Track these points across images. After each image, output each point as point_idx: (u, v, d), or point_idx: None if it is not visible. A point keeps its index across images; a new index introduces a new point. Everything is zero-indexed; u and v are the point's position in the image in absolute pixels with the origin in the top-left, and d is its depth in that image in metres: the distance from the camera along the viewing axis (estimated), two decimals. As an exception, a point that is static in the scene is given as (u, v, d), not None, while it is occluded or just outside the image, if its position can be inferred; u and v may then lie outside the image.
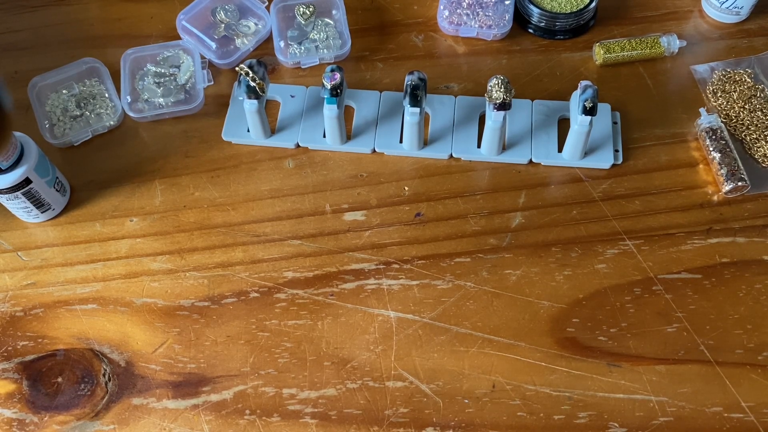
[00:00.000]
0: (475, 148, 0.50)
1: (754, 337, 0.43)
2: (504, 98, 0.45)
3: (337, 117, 0.47)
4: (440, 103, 0.51)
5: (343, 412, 0.41)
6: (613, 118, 0.51)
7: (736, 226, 0.47)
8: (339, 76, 0.46)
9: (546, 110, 0.51)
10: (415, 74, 0.47)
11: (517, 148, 0.50)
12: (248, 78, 0.47)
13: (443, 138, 0.50)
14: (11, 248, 0.48)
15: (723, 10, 0.55)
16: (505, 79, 0.45)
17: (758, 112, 0.51)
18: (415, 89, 0.46)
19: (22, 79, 0.53)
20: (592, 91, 0.45)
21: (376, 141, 0.50)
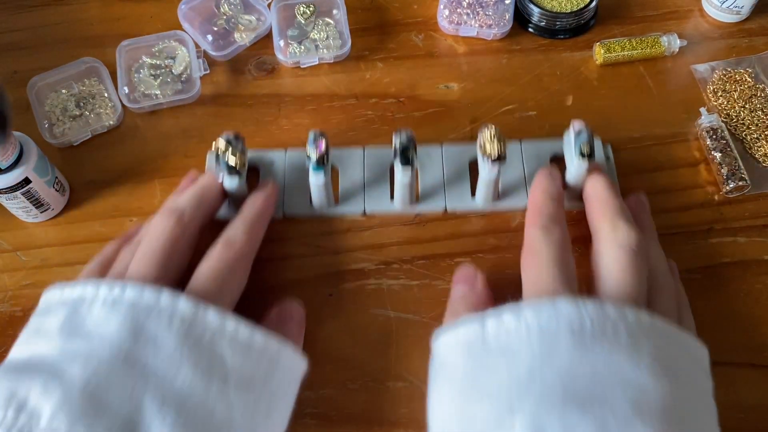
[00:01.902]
0: (469, 198, 0.47)
1: (754, 338, 0.43)
2: (499, 151, 0.42)
3: (325, 184, 0.45)
4: (427, 156, 0.49)
5: (343, 413, 0.41)
6: (605, 153, 0.49)
7: (736, 225, 0.47)
8: (324, 143, 0.43)
9: (537, 151, 0.49)
10: (402, 134, 0.43)
11: (514, 194, 0.47)
12: (226, 154, 0.43)
13: (435, 192, 0.48)
14: (10, 248, 0.48)
15: (723, 10, 0.55)
16: (497, 130, 0.43)
17: (759, 111, 0.51)
18: (406, 150, 0.43)
19: (21, 79, 0.53)
20: (587, 134, 0.43)
21: (366, 202, 0.47)
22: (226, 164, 0.43)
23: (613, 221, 0.39)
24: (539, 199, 0.42)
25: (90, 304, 0.34)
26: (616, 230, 0.38)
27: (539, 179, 0.44)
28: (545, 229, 0.39)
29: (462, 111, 0.52)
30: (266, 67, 0.55)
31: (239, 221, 0.42)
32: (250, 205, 0.43)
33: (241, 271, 0.40)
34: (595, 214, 0.41)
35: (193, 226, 0.41)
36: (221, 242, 0.40)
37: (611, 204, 0.40)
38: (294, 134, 0.52)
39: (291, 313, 0.42)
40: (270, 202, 0.44)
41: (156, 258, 0.38)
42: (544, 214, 0.40)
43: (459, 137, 0.51)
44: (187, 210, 0.41)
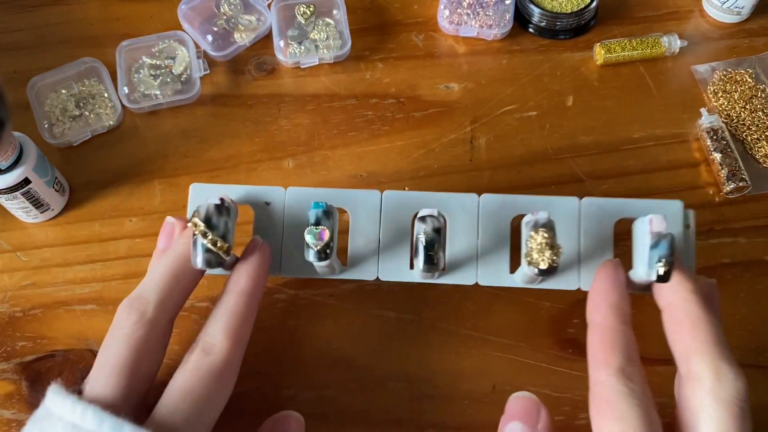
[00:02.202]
0: (507, 272, 0.38)
1: (755, 338, 0.43)
2: (551, 263, 0.33)
3: (329, 265, 0.37)
4: (461, 208, 0.39)
5: (342, 413, 0.41)
6: (686, 220, 0.39)
7: (737, 226, 0.47)
8: (328, 233, 0.34)
9: (598, 212, 0.38)
10: (428, 223, 0.34)
11: (560, 272, 0.37)
12: (206, 242, 0.33)
13: (466, 256, 0.38)
14: (10, 248, 0.48)
15: (724, 10, 0.55)
16: (551, 234, 0.33)
17: (759, 112, 0.51)
18: (430, 248, 0.33)
19: (20, 79, 0.53)
20: (668, 244, 0.32)
21: (380, 266, 0.39)
22: (205, 250, 0.34)
23: (715, 365, 0.31)
24: (609, 322, 0.33)
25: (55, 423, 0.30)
26: (720, 379, 0.30)
27: (604, 287, 0.34)
28: (625, 377, 0.31)
29: (462, 111, 0.52)
30: (266, 67, 0.55)
31: (219, 317, 0.34)
32: (232, 287, 0.35)
33: (224, 384, 0.33)
34: (688, 347, 0.32)
35: (163, 320, 0.34)
36: (197, 349, 0.33)
37: (710, 334, 0.31)
38: (294, 134, 0.52)
39: (287, 429, 0.36)
40: (259, 281, 0.36)
41: (117, 372, 0.32)
42: (617, 350, 0.32)
43: (459, 137, 0.51)
44: (152, 303, 0.34)
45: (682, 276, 0.33)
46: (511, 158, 0.50)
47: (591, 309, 0.34)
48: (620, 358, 0.32)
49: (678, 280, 0.33)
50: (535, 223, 0.34)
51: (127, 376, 0.32)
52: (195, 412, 0.31)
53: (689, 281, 0.33)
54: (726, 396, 0.30)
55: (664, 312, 0.34)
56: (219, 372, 0.32)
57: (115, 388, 0.32)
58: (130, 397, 0.32)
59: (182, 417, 0.31)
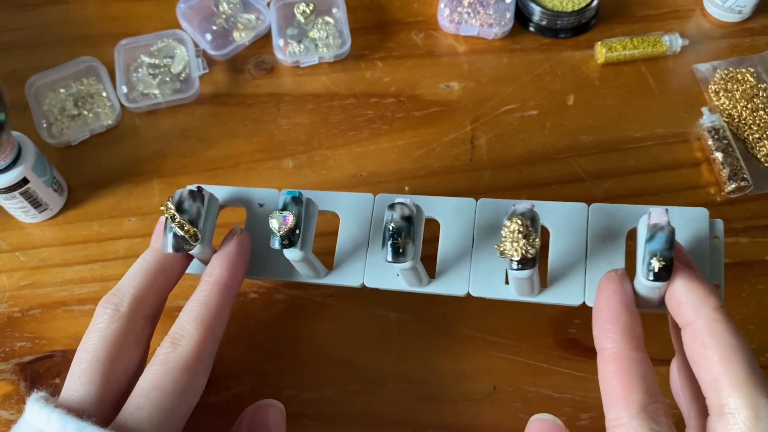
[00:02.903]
0: (502, 284, 0.36)
1: (756, 338, 0.43)
2: (524, 253, 0.31)
3: (304, 259, 0.35)
4: (456, 212, 0.37)
5: (342, 414, 0.41)
6: (713, 231, 0.34)
7: (738, 226, 0.47)
8: (293, 216, 0.33)
9: (607, 221, 0.35)
10: (396, 210, 0.32)
11: (563, 285, 0.34)
12: (174, 224, 0.33)
13: (458, 265, 0.36)
14: (8, 248, 0.47)
15: (725, 9, 0.55)
16: (526, 221, 0.31)
17: (761, 111, 0.51)
18: (396, 236, 0.31)
19: (19, 78, 0.52)
20: (665, 236, 0.29)
21: (366, 272, 0.37)
22: (174, 236, 0.34)
23: (752, 400, 0.27)
24: (623, 349, 0.29)
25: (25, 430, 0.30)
26: (759, 416, 0.26)
27: (612, 307, 0.30)
28: (649, 418, 0.28)
29: (463, 111, 0.52)
30: (265, 66, 0.55)
31: (190, 307, 0.33)
32: (206, 278, 0.34)
33: (194, 375, 0.32)
34: (719, 377, 0.28)
35: (139, 315, 0.34)
36: (166, 342, 0.32)
37: (743, 362, 0.28)
38: (293, 134, 0.51)
39: (267, 421, 0.35)
40: (235, 270, 0.35)
41: (92, 365, 0.32)
42: (636, 384, 0.28)
43: (460, 137, 0.51)
44: (127, 298, 0.34)
45: (705, 290, 0.29)
46: (511, 158, 0.50)
47: (600, 334, 0.30)
48: (641, 394, 0.28)
49: (701, 296, 0.29)
50: (513, 212, 0.31)
51: (102, 370, 0.32)
52: (162, 408, 0.30)
53: (714, 297, 0.29)
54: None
55: (685, 331, 0.30)
56: (188, 364, 0.31)
57: (89, 385, 0.31)
58: (106, 393, 0.32)
59: (147, 414, 0.30)
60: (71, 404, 0.31)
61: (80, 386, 0.32)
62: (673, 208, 0.34)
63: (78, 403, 0.31)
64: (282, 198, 0.34)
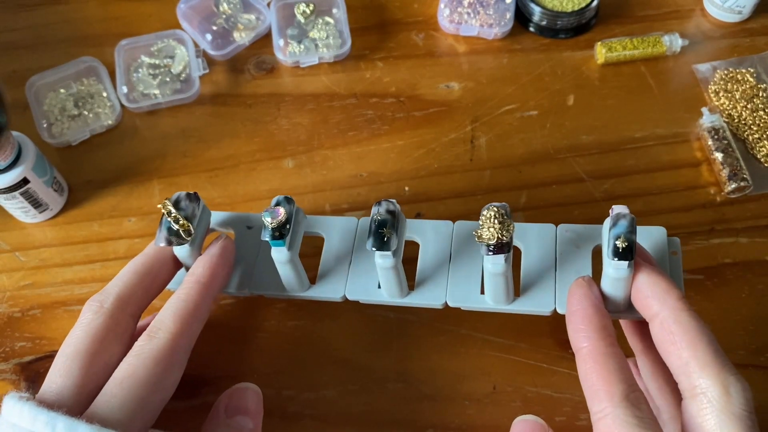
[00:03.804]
0: (477, 294, 0.38)
1: (756, 339, 0.43)
2: (500, 237, 0.33)
3: (290, 261, 0.36)
4: (435, 232, 0.39)
5: (342, 414, 0.41)
6: (671, 246, 0.37)
7: (738, 226, 0.47)
8: (284, 210, 0.35)
9: (575, 237, 0.38)
10: (382, 205, 0.35)
11: (535, 294, 0.37)
12: (170, 219, 0.36)
13: (435, 279, 0.38)
14: (9, 248, 0.47)
15: (725, 9, 0.55)
16: (501, 210, 0.33)
17: (761, 111, 0.51)
18: (381, 226, 0.34)
19: (19, 78, 0.52)
20: (627, 222, 0.32)
21: (348, 285, 0.39)
22: (168, 229, 0.36)
23: (722, 378, 0.29)
24: (599, 346, 0.31)
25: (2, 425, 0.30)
26: (729, 393, 0.28)
27: (583, 309, 0.33)
28: (632, 405, 0.29)
29: (463, 111, 0.52)
30: (266, 66, 0.55)
31: (170, 304, 0.34)
32: (188, 277, 0.36)
33: (168, 367, 0.32)
34: (688, 361, 0.30)
35: (123, 314, 0.35)
36: (143, 335, 0.33)
37: (708, 345, 0.30)
38: (293, 134, 0.51)
39: (244, 403, 0.36)
40: (216, 271, 0.36)
41: (72, 358, 0.32)
42: (616, 376, 0.30)
43: (460, 137, 0.51)
44: (111, 296, 0.34)
45: (668, 283, 0.32)
46: (511, 158, 0.50)
47: (575, 335, 0.32)
48: (621, 385, 0.30)
49: (664, 288, 0.32)
50: (489, 205, 0.34)
51: (81, 363, 0.32)
52: (134, 397, 0.31)
53: (676, 289, 0.32)
54: (738, 411, 0.28)
55: (653, 323, 0.32)
56: (162, 356, 0.32)
57: (67, 377, 0.32)
58: (84, 386, 0.32)
59: (119, 402, 0.30)
60: (48, 396, 0.31)
61: (59, 378, 0.32)
62: None
63: (55, 395, 0.31)
64: (275, 198, 0.36)
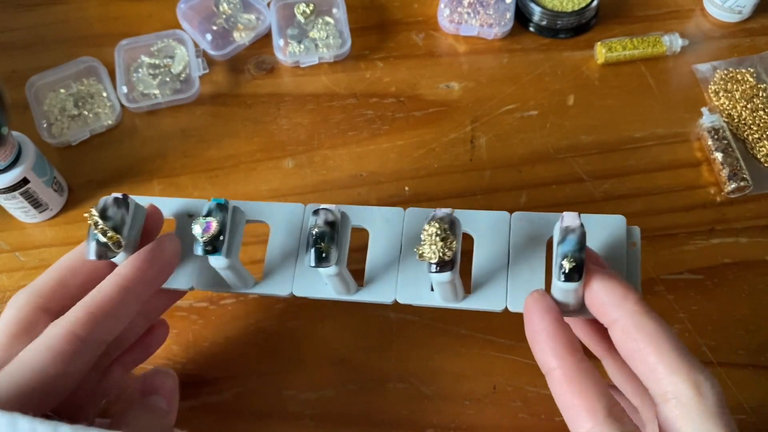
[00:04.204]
0: (428, 291, 0.36)
1: (756, 338, 0.43)
2: (441, 256, 0.30)
3: (229, 267, 0.34)
4: (385, 221, 0.37)
5: (342, 414, 0.41)
6: (631, 237, 0.35)
7: (738, 226, 0.47)
8: (216, 222, 0.32)
9: (529, 228, 0.35)
10: (320, 215, 0.32)
11: (487, 291, 0.34)
12: (96, 231, 0.32)
13: (385, 274, 0.36)
14: (8, 248, 0.47)
15: (725, 9, 0.55)
16: (444, 224, 0.31)
17: (760, 111, 0.51)
18: (319, 241, 0.32)
19: (19, 79, 0.52)
20: (576, 239, 0.30)
21: (295, 281, 0.36)
22: (96, 242, 0.33)
23: (692, 378, 0.28)
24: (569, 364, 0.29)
25: None
26: (702, 392, 0.27)
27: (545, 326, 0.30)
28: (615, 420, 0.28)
29: (463, 111, 0.52)
30: (266, 66, 0.55)
31: (84, 299, 0.32)
32: (111, 276, 0.33)
33: (67, 360, 0.30)
34: (654, 365, 0.29)
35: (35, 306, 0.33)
36: (50, 324, 0.31)
37: (673, 346, 0.29)
38: (293, 134, 0.51)
39: (158, 383, 0.34)
40: (142, 272, 0.33)
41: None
42: (593, 392, 0.28)
43: (460, 137, 0.51)
44: (26, 290, 0.33)
45: (624, 287, 0.30)
46: (511, 158, 0.50)
47: (542, 356, 0.30)
48: (602, 400, 0.28)
49: (621, 293, 0.30)
50: (432, 216, 0.31)
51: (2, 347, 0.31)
52: (24, 383, 0.29)
53: (633, 292, 0.30)
54: (714, 410, 0.27)
55: (613, 330, 0.30)
56: (58, 345, 0.30)
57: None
58: None
59: (14, 387, 0.29)
60: None
61: None
62: (591, 216, 0.34)
63: None
64: (207, 205, 0.33)
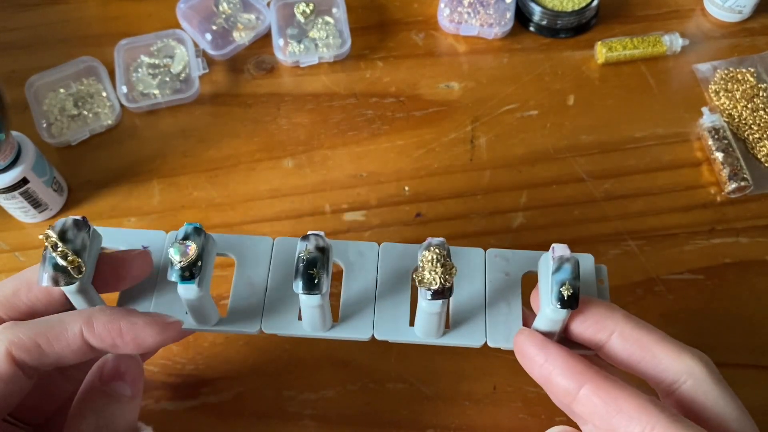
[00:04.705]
0: (406, 326, 0.35)
1: (756, 339, 0.43)
2: (442, 282, 0.30)
3: (199, 299, 0.31)
4: (359, 255, 0.36)
5: (342, 414, 0.41)
6: (599, 275, 0.36)
7: (738, 226, 0.47)
8: (195, 246, 0.30)
9: (505, 265, 0.36)
10: (311, 240, 0.31)
11: (466, 327, 0.35)
12: (55, 254, 0.29)
13: (362, 310, 0.35)
14: (8, 248, 0.47)
15: (725, 9, 0.55)
16: (443, 252, 0.30)
17: (761, 111, 0.51)
18: (311, 266, 0.30)
19: (19, 78, 0.52)
20: (571, 267, 0.30)
21: (264, 318, 0.34)
22: (54, 265, 0.29)
23: (696, 355, 0.30)
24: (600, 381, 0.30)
25: None
26: (706, 364, 0.30)
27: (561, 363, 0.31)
28: (669, 412, 0.29)
29: (463, 110, 0.52)
30: (265, 66, 0.55)
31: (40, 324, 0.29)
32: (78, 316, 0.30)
33: None
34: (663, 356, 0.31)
35: None
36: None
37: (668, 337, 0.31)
38: (293, 134, 0.51)
39: (121, 369, 0.32)
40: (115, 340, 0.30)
41: None
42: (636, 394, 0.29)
43: (460, 137, 0.51)
44: None
45: (608, 305, 0.32)
46: (511, 158, 0.50)
47: (565, 382, 0.30)
48: (643, 395, 0.29)
49: (608, 308, 0.31)
50: (429, 243, 0.31)
51: None
52: None
53: (615, 306, 0.32)
54: (718, 375, 0.30)
55: (610, 342, 0.31)
56: None
57: None
58: None
59: None
60: None
61: None
62: None
63: None
64: (183, 229, 0.31)
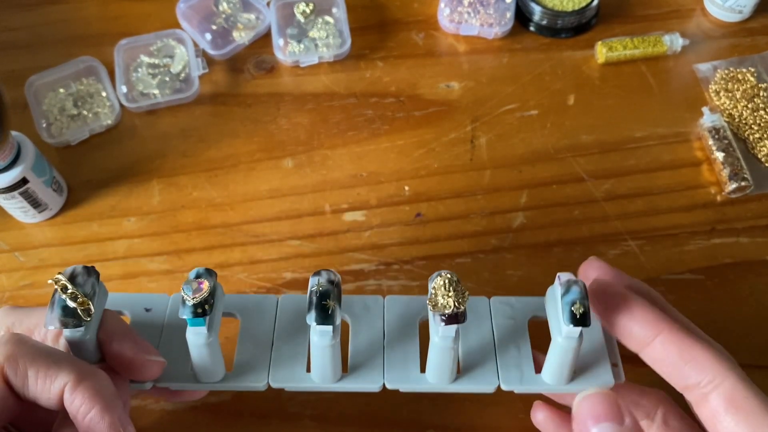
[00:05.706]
0: (417, 373, 0.35)
1: (757, 339, 0.43)
2: (455, 306, 0.30)
3: (208, 344, 0.31)
4: (364, 309, 0.36)
5: (343, 414, 0.41)
6: (612, 358, 0.36)
7: (739, 226, 0.47)
8: (208, 284, 0.30)
9: (510, 311, 0.36)
10: (323, 275, 0.31)
11: (477, 371, 0.35)
12: (65, 296, 0.29)
13: (371, 360, 0.35)
14: (8, 248, 0.47)
15: (725, 9, 0.55)
16: (453, 278, 0.31)
17: (761, 111, 0.51)
18: (324, 298, 0.31)
19: (18, 78, 0.52)
20: (579, 289, 0.31)
21: (272, 371, 0.34)
22: (63, 308, 0.29)
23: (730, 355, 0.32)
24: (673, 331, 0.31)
25: None
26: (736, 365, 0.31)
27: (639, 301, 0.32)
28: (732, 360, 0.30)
29: (463, 110, 0.52)
30: (265, 66, 0.55)
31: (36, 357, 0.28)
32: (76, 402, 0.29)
33: None
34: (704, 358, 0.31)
35: None
36: None
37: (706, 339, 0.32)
38: (293, 133, 0.51)
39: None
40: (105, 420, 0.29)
41: None
42: (710, 345, 0.31)
43: (460, 136, 0.51)
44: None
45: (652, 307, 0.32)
46: (511, 157, 0.50)
47: (643, 326, 0.31)
48: (716, 345, 0.31)
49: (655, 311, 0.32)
50: (438, 273, 0.31)
51: None
52: None
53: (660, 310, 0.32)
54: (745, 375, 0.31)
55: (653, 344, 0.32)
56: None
57: None
58: None
59: None
60: None
61: None
62: None
63: None
64: (195, 270, 0.31)
